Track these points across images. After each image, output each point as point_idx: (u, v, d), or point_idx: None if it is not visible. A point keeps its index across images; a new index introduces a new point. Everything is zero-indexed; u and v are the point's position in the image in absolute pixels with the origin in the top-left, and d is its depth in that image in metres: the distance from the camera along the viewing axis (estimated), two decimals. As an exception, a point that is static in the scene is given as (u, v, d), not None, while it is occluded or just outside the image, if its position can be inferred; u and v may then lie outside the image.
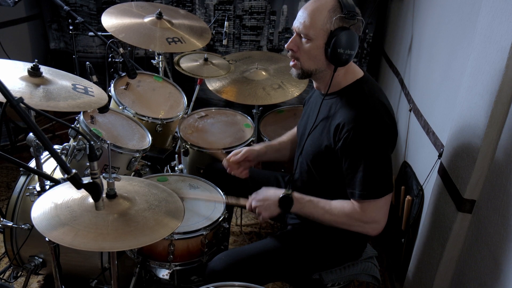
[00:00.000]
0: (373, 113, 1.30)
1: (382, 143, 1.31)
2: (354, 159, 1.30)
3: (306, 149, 1.48)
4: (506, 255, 1.12)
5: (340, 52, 1.28)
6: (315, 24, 1.30)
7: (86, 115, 1.78)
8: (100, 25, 2.11)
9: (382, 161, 1.31)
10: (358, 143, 1.29)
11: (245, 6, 3.06)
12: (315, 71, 1.38)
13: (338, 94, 1.40)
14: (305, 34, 1.32)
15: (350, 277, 1.54)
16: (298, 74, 1.41)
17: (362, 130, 1.28)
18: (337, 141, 1.33)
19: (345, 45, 1.27)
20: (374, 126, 1.29)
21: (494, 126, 1.22)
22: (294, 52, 1.38)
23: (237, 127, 2.26)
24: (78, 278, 1.82)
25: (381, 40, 3.10)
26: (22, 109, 0.98)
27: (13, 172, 2.84)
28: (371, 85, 1.39)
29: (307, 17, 1.31)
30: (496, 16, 1.21)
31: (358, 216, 1.33)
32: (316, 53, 1.33)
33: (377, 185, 1.31)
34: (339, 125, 1.32)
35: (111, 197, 1.21)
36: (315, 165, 1.45)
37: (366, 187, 1.30)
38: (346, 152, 1.32)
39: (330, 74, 1.36)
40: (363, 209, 1.33)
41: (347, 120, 1.30)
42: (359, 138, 1.28)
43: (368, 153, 1.29)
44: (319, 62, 1.35)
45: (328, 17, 1.28)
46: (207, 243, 1.56)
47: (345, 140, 1.30)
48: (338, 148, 1.33)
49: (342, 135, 1.31)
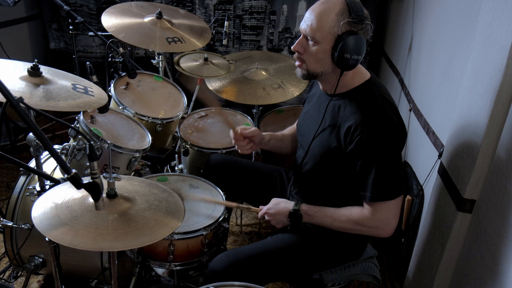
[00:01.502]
0: (384, 115, 1.30)
1: (394, 145, 1.30)
2: (367, 161, 1.30)
3: (313, 150, 1.47)
4: (506, 255, 1.12)
5: (347, 57, 1.27)
6: (322, 28, 1.28)
7: (86, 115, 1.78)
8: (100, 25, 2.11)
9: (393, 163, 1.31)
10: (371, 145, 1.28)
11: (245, 6, 3.06)
12: (320, 73, 1.37)
13: (346, 95, 1.39)
14: (311, 37, 1.31)
15: (350, 277, 1.54)
16: (303, 75, 1.40)
17: (374, 132, 1.28)
18: (348, 143, 1.32)
19: (352, 50, 1.26)
20: (386, 128, 1.29)
21: (494, 126, 1.22)
22: (300, 54, 1.36)
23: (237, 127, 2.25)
24: (78, 278, 1.82)
25: (381, 40, 3.10)
26: (22, 109, 0.98)
27: (13, 172, 2.84)
28: (378, 86, 1.39)
29: (314, 19, 1.29)
30: (496, 16, 1.21)
31: (366, 221, 1.33)
32: (323, 56, 1.32)
33: (389, 187, 1.30)
34: (351, 127, 1.31)
35: (111, 197, 1.21)
36: (323, 167, 1.45)
37: (378, 189, 1.29)
38: (358, 154, 1.31)
39: (336, 76, 1.35)
40: (374, 211, 1.32)
41: (359, 122, 1.29)
42: (372, 140, 1.28)
43: (381, 155, 1.29)
44: (325, 65, 1.34)
45: (336, 20, 1.27)
46: (207, 243, 1.56)
47: (357, 142, 1.29)
48: (350, 150, 1.32)
49: (354, 137, 1.30)
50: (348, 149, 1.33)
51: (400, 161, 1.34)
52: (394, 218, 1.34)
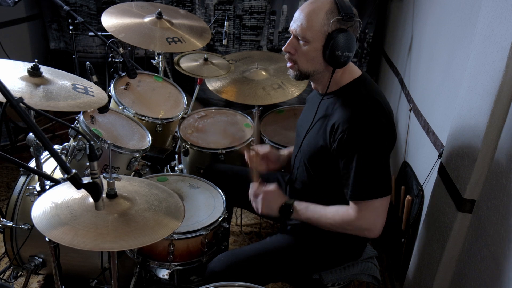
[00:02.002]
0: (369, 113, 1.30)
1: (377, 144, 1.29)
2: (348, 159, 1.30)
3: (303, 148, 1.48)
4: (506, 255, 1.12)
5: (338, 55, 1.28)
6: (312, 27, 1.29)
7: (86, 115, 1.78)
8: (100, 25, 2.10)
9: (376, 162, 1.30)
10: (352, 143, 1.28)
11: (245, 6, 3.06)
12: (312, 72, 1.38)
13: (335, 94, 1.40)
14: (302, 37, 1.32)
15: (350, 277, 1.54)
16: (295, 75, 1.41)
17: (356, 130, 1.28)
18: (332, 141, 1.33)
19: (343, 47, 1.27)
20: (369, 126, 1.28)
21: (494, 126, 1.22)
22: (291, 55, 1.37)
23: (237, 127, 2.26)
24: (78, 278, 1.82)
25: (381, 40, 3.10)
26: (22, 109, 0.98)
27: (13, 172, 2.84)
28: (368, 85, 1.39)
29: (304, 19, 1.30)
30: (496, 16, 1.21)
31: (352, 220, 1.33)
32: (314, 55, 1.33)
33: (368, 186, 1.29)
34: (334, 125, 1.31)
35: (111, 197, 1.21)
36: (312, 165, 1.45)
37: (357, 187, 1.30)
38: (341, 153, 1.31)
39: (328, 75, 1.36)
40: (358, 210, 1.32)
41: (342, 120, 1.30)
42: (353, 138, 1.28)
43: (362, 153, 1.28)
44: (317, 64, 1.35)
45: (325, 19, 1.28)
46: (207, 243, 1.56)
47: (340, 140, 1.30)
48: (334, 148, 1.32)
49: (337, 135, 1.30)
50: (332, 147, 1.33)
51: (385, 161, 1.33)
52: (379, 218, 1.32)
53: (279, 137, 2.23)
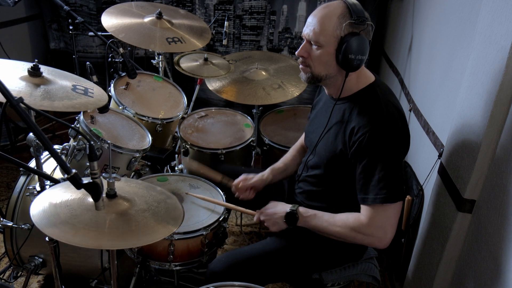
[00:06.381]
0: (388, 117, 1.29)
1: (396, 148, 1.30)
2: (368, 163, 1.29)
3: (319, 153, 1.47)
4: (506, 255, 1.12)
5: (351, 58, 1.28)
6: (325, 31, 1.29)
7: (86, 115, 1.78)
8: (100, 25, 2.10)
9: (394, 166, 1.29)
10: (372, 147, 1.28)
11: (245, 6, 3.06)
12: (325, 76, 1.37)
13: (350, 99, 1.39)
14: (315, 41, 1.32)
15: (350, 277, 1.54)
16: (307, 78, 1.40)
17: (376, 134, 1.27)
18: (351, 145, 1.32)
19: (356, 51, 1.27)
20: (388, 131, 1.28)
21: (494, 126, 1.22)
22: (304, 59, 1.37)
23: (237, 127, 2.26)
24: (78, 278, 1.82)
25: (381, 40, 3.10)
26: (22, 109, 0.98)
27: (13, 172, 2.84)
28: (383, 88, 1.39)
29: (317, 24, 1.30)
30: (496, 16, 1.21)
31: (362, 228, 1.32)
32: (327, 59, 1.33)
33: (384, 190, 1.28)
34: (354, 128, 1.31)
35: (111, 197, 1.21)
36: (329, 170, 1.44)
37: (373, 191, 1.28)
38: (359, 156, 1.30)
39: (341, 79, 1.36)
40: (371, 217, 1.30)
41: (362, 124, 1.29)
42: (374, 142, 1.27)
43: (382, 157, 1.28)
44: (330, 68, 1.35)
45: (338, 23, 1.28)
46: (207, 243, 1.56)
47: (359, 144, 1.29)
48: (352, 152, 1.32)
49: (356, 139, 1.30)
50: (351, 151, 1.32)
51: (401, 165, 1.33)
52: (391, 227, 1.32)
53: (278, 137, 2.23)
